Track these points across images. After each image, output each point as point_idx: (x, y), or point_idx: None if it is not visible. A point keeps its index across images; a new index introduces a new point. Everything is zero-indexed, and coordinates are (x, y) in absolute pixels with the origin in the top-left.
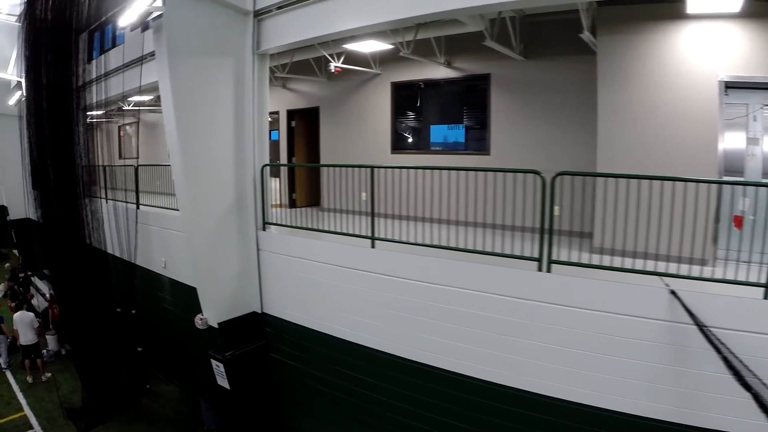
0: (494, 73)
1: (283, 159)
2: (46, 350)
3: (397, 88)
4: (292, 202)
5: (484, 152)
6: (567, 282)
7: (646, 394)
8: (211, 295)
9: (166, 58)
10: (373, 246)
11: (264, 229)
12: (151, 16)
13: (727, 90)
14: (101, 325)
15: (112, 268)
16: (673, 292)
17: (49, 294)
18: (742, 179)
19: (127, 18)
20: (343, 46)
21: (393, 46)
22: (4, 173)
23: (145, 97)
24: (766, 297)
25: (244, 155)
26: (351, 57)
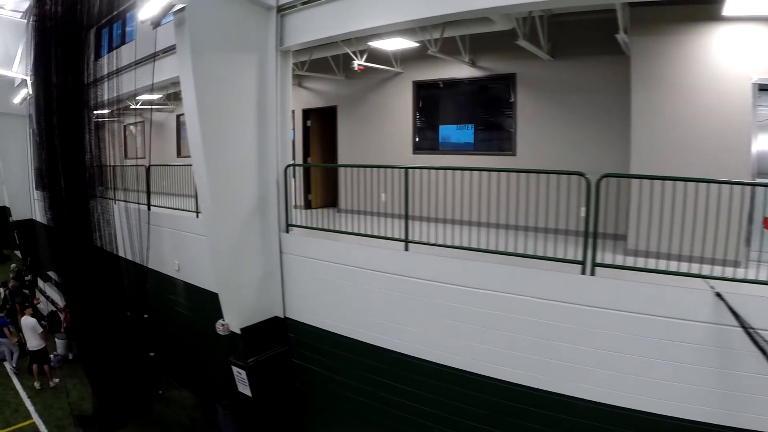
0: (520, 72)
1: (298, 159)
2: (53, 355)
3: (419, 87)
4: (308, 203)
5: (509, 153)
6: (611, 285)
7: (692, 398)
8: (234, 301)
9: (189, 54)
10: (407, 249)
11: (287, 231)
12: (173, 10)
13: (760, 92)
14: (113, 329)
15: (123, 271)
16: (719, 295)
17: (59, 298)
18: None
19: (147, 11)
20: (368, 43)
21: (419, 44)
22: (7, 174)
23: (153, 96)
24: None
25: (267, 155)
26: (372, 55)
